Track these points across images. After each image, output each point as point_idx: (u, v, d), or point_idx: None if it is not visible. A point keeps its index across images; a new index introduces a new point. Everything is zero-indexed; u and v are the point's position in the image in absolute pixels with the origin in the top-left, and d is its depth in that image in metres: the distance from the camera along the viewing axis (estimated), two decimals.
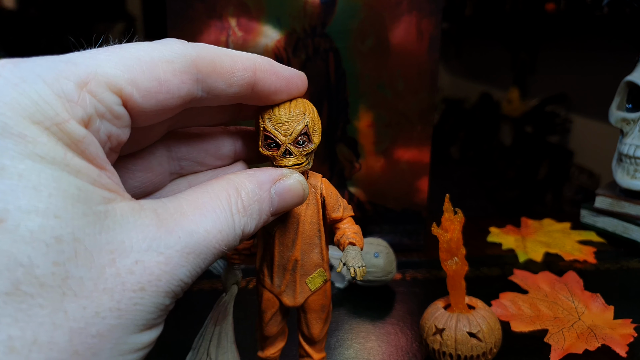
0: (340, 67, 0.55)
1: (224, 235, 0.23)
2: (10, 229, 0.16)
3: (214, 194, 0.23)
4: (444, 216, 0.40)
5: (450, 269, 0.40)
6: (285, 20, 0.53)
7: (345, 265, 0.34)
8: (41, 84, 0.18)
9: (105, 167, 0.20)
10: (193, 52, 0.23)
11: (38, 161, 0.17)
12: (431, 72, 0.56)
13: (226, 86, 0.25)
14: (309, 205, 0.35)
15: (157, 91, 0.22)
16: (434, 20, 0.54)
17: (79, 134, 0.19)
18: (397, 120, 0.57)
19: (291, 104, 0.31)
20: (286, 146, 0.31)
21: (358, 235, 0.36)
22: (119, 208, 0.19)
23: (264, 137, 0.32)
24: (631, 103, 0.62)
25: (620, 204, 0.62)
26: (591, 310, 0.48)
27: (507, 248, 0.62)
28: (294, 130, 0.31)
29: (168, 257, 0.20)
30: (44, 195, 0.17)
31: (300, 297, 0.37)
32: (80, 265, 0.17)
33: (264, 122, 0.32)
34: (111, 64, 0.20)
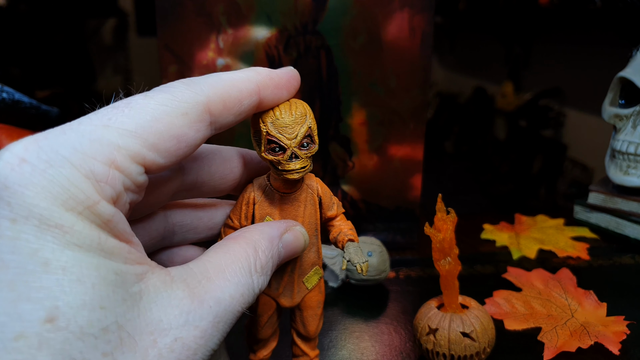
0: (332, 65, 0.55)
1: (245, 298, 0.23)
2: (62, 326, 0.17)
3: (234, 255, 0.24)
4: (437, 216, 0.40)
5: (443, 268, 0.40)
6: (276, 18, 0.53)
7: (349, 262, 0.34)
8: (69, 167, 0.18)
9: (132, 240, 0.20)
10: (204, 98, 0.23)
11: (77, 250, 0.18)
12: (424, 69, 0.56)
13: (235, 117, 0.25)
14: (307, 205, 0.35)
15: (177, 148, 0.22)
16: (426, 17, 0.54)
17: (109, 213, 0.19)
18: (390, 118, 0.57)
19: (291, 106, 0.31)
20: (292, 150, 0.31)
21: (353, 231, 0.36)
22: (152, 285, 0.20)
23: (267, 142, 0.31)
24: (624, 99, 0.62)
25: (613, 200, 0.62)
26: (584, 307, 0.48)
27: (500, 245, 0.62)
28: (299, 133, 0.31)
29: (203, 330, 0.20)
30: (88, 287, 0.17)
31: (298, 297, 0.37)
32: (126, 351, 0.18)
33: (266, 127, 0.31)
34: (131, 132, 0.20)
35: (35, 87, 2.53)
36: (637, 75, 0.59)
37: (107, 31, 3.34)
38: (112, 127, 0.20)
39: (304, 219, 0.35)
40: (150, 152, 0.21)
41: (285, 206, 0.34)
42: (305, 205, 0.34)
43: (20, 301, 0.16)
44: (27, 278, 0.16)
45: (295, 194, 0.34)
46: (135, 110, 0.21)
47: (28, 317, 0.16)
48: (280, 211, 0.34)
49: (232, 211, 0.36)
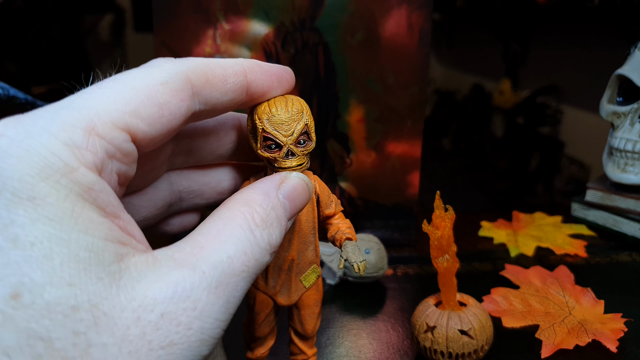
0: (329, 62, 0.54)
1: (249, 256, 0.21)
2: (26, 303, 0.16)
3: (227, 217, 0.23)
4: (435, 213, 0.40)
5: (441, 266, 0.40)
6: (273, 14, 0.52)
7: (346, 261, 0.34)
8: (47, 136, 0.18)
9: (119, 214, 0.20)
10: (184, 68, 0.23)
11: (48, 224, 0.17)
12: (422, 66, 0.55)
13: (221, 95, 0.24)
14: None
15: (160, 115, 0.21)
16: (424, 14, 0.54)
17: (90, 181, 0.18)
18: (388, 115, 0.57)
19: (287, 103, 0.30)
20: (288, 147, 0.30)
21: (351, 229, 0.36)
22: (133, 264, 0.19)
23: (262, 139, 0.31)
24: (622, 96, 0.62)
25: (610, 198, 0.62)
26: (582, 304, 0.48)
27: (498, 242, 0.62)
28: (295, 130, 0.30)
29: (195, 301, 0.19)
30: (56, 264, 0.17)
31: (295, 296, 0.37)
32: (102, 331, 0.17)
33: (262, 123, 0.30)
34: (110, 100, 0.20)
35: (32, 83, 2.52)
36: (635, 72, 0.59)
37: (104, 27, 3.33)
38: (91, 97, 0.20)
39: (301, 217, 0.35)
40: (132, 119, 0.20)
41: None
42: None
43: None
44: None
45: None
46: (114, 82, 0.21)
47: None
48: None
49: None
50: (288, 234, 0.34)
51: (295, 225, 0.34)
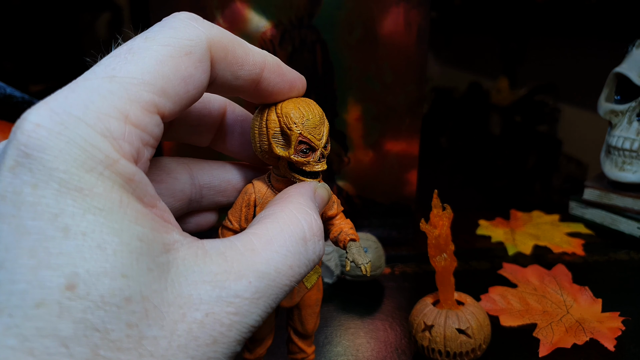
0: (327, 60, 0.54)
1: (295, 270, 0.22)
2: (82, 294, 0.16)
3: (283, 221, 0.22)
4: (433, 212, 0.40)
5: (439, 265, 0.40)
6: (271, 12, 0.52)
7: (352, 262, 0.34)
8: (84, 127, 0.17)
9: (156, 203, 0.19)
10: (209, 36, 0.22)
11: (98, 214, 0.17)
12: (420, 64, 0.55)
13: (232, 77, 0.24)
14: None
15: (185, 91, 0.21)
16: (422, 11, 0.53)
17: (131, 172, 0.18)
18: (386, 113, 0.57)
19: (311, 106, 0.30)
20: (321, 150, 0.30)
21: (354, 230, 0.36)
22: (181, 257, 0.19)
23: (298, 143, 0.30)
24: (620, 95, 0.62)
25: (608, 196, 0.62)
26: (580, 303, 0.48)
27: (496, 241, 0.62)
28: (324, 134, 0.30)
29: (238, 307, 0.19)
30: (109, 254, 0.17)
31: (297, 297, 0.36)
32: (153, 324, 0.17)
33: (299, 127, 0.29)
34: (139, 79, 0.19)
35: (29, 81, 2.51)
36: (632, 71, 0.59)
37: (101, 25, 3.32)
38: (118, 77, 0.19)
39: None
40: (161, 99, 0.20)
41: None
42: None
43: (41, 268, 0.16)
44: (48, 244, 0.16)
45: None
46: (138, 55, 0.20)
47: (48, 284, 0.16)
48: None
49: (231, 212, 0.35)
50: None
51: None
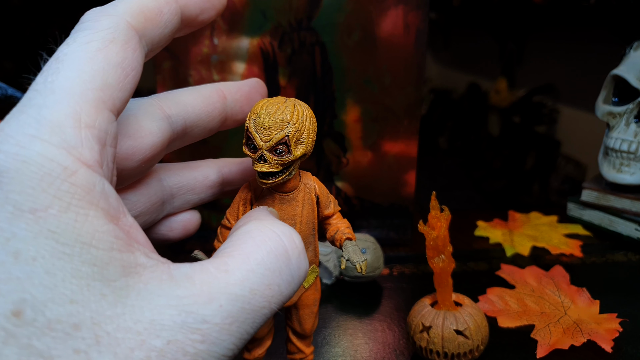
0: (326, 61, 0.54)
1: (275, 290, 0.20)
2: (28, 320, 0.16)
3: (260, 239, 0.21)
4: (431, 213, 0.40)
5: (437, 266, 0.40)
6: (270, 14, 0.52)
7: (348, 261, 0.34)
8: (39, 143, 0.17)
9: (120, 217, 0.19)
10: (122, 15, 0.22)
11: (50, 237, 0.16)
12: (418, 66, 0.55)
13: (161, 29, 0.24)
14: (305, 205, 0.34)
15: (125, 76, 0.21)
16: (420, 14, 0.54)
17: (90, 183, 0.18)
18: (384, 115, 0.57)
19: (279, 109, 0.31)
20: (262, 152, 0.31)
21: (350, 229, 0.36)
22: (144, 281, 0.18)
23: (246, 137, 0.32)
24: (617, 97, 0.62)
25: (606, 197, 0.62)
26: (577, 304, 0.48)
27: (494, 242, 0.62)
28: (273, 138, 0.31)
29: (206, 334, 0.18)
30: (58, 280, 0.16)
31: (295, 296, 0.37)
32: (104, 351, 0.16)
33: (249, 122, 0.31)
34: (78, 81, 0.19)
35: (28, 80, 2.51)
36: (630, 73, 0.60)
37: None
38: (58, 87, 0.18)
39: (302, 218, 0.35)
40: (105, 92, 0.19)
41: (284, 206, 0.34)
42: (303, 204, 0.34)
43: None
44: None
45: (293, 193, 0.34)
46: (67, 61, 0.19)
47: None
48: (279, 211, 0.34)
49: (229, 211, 0.35)
50: None
51: (296, 227, 0.34)
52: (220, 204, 0.58)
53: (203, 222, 0.59)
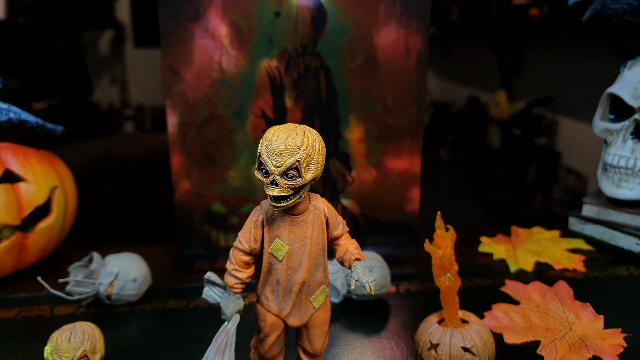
0: (331, 84, 0.56)
1: None
2: None
3: None
4: (436, 233, 0.41)
5: (444, 285, 0.41)
6: (277, 40, 0.54)
7: (357, 281, 0.35)
8: None
9: None
10: None
11: None
12: (419, 87, 0.57)
13: None
14: (314, 226, 0.36)
15: None
16: (421, 37, 0.55)
17: None
18: (387, 134, 0.58)
19: (290, 136, 0.32)
20: (274, 176, 0.32)
21: (359, 250, 0.37)
22: None
23: (258, 163, 0.33)
24: (614, 114, 0.64)
25: (606, 212, 0.63)
26: (582, 320, 0.49)
27: (498, 258, 0.63)
28: (284, 164, 0.32)
29: None
30: None
31: (306, 316, 0.38)
32: None
33: (261, 149, 0.33)
34: None
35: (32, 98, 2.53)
36: (625, 91, 0.61)
37: (104, 43, 3.36)
38: None
39: (312, 239, 0.36)
40: None
41: (294, 228, 0.35)
42: (313, 226, 0.36)
43: None
44: None
45: (304, 215, 0.35)
46: None
47: None
48: (289, 233, 0.35)
49: (241, 233, 0.37)
50: (299, 257, 0.36)
51: (306, 248, 0.36)
52: (229, 223, 0.60)
53: (211, 241, 0.60)
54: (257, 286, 0.38)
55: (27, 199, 0.58)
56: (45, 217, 0.61)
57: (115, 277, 0.53)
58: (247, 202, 0.59)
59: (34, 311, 0.54)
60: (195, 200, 0.59)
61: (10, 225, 0.57)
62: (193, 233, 0.60)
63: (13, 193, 0.57)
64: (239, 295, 0.37)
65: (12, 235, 0.57)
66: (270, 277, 0.37)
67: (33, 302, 0.55)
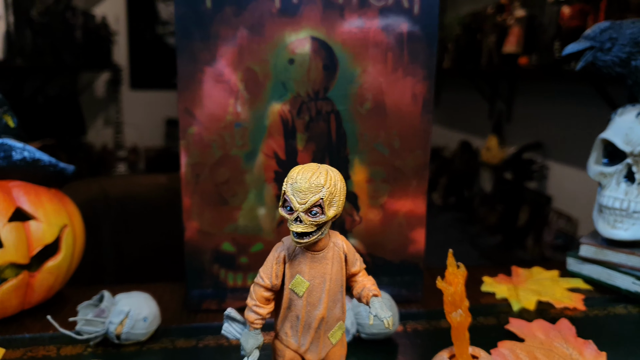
0: (340, 128, 0.59)
1: None
2: None
3: None
4: (448, 270, 0.43)
5: (455, 320, 0.43)
6: (290, 85, 0.57)
7: (376, 317, 0.37)
8: None
9: None
10: None
11: None
12: (425, 131, 0.60)
13: None
14: (334, 263, 0.37)
15: None
16: (426, 85, 0.59)
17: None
18: (394, 176, 0.61)
19: (314, 174, 0.34)
20: (298, 213, 0.34)
21: (376, 286, 0.39)
22: None
23: (282, 200, 0.35)
24: (607, 158, 0.67)
25: (603, 252, 0.66)
26: (585, 357, 0.51)
27: (500, 297, 0.64)
28: (309, 201, 0.34)
29: None
30: None
31: (323, 352, 0.39)
32: None
33: (286, 187, 0.35)
34: None
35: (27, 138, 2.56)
36: (617, 137, 0.64)
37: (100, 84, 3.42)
38: None
39: (332, 275, 0.37)
40: None
41: (315, 264, 0.37)
42: (332, 262, 0.37)
43: None
44: None
45: (324, 251, 0.37)
46: None
47: None
48: (310, 269, 0.37)
49: (263, 269, 0.38)
50: (319, 293, 0.37)
51: (326, 285, 0.37)
52: (237, 263, 0.61)
53: (219, 281, 0.61)
54: (275, 323, 0.39)
55: (36, 237, 0.59)
56: (54, 256, 0.61)
57: (126, 315, 0.53)
58: (256, 241, 0.61)
59: (40, 351, 0.54)
60: (205, 239, 0.60)
61: (18, 264, 0.57)
62: (202, 272, 0.61)
63: (23, 231, 0.58)
64: (259, 331, 0.39)
65: (19, 274, 0.57)
66: (290, 313, 0.38)
67: (39, 342, 0.55)
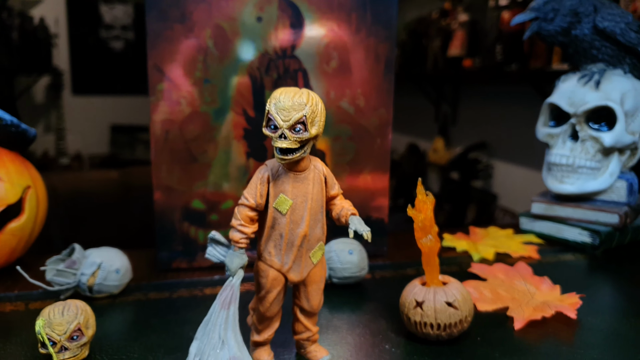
0: (308, 86, 0.61)
1: None
2: None
3: None
4: (418, 198, 0.45)
5: (426, 246, 0.45)
6: (258, 43, 0.59)
7: (355, 231, 0.38)
8: None
9: None
10: None
11: None
12: (387, 90, 0.63)
13: None
14: (315, 184, 0.39)
15: None
16: (388, 45, 0.62)
17: None
18: (360, 134, 0.63)
19: (296, 94, 0.36)
20: (283, 130, 0.36)
21: (353, 207, 0.41)
22: None
23: (267, 119, 0.37)
24: (554, 120, 0.72)
25: (552, 208, 0.71)
26: (541, 290, 0.54)
27: (461, 250, 0.68)
28: (292, 118, 0.36)
29: None
30: None
31: (305, 272, 0.40)
32: None
33: (269, 106, 0.36)
34: None
35: None
36: (561, 100, 0.70)
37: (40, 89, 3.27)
38: None
39: (313, 195, 0.39)
40: None
41: (297, 184, 0.39)
42: (313, 183, 0.39)
43: None
44: None
45: (305, 173, 0.39)
46: None
47: None
48: (293, 189, 0.38)
49: (247, 191, 0.39)
50: (301, 211, 0.39)
51: (308, 204, 0.39)
52: (208, 220, 0.61)
53: (190, 239, 0.61)
54: (258, 244, 0.40)
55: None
56: (17, 217, 0.59)
57: (98, 267, 0.52)
58: (226, 199, 0.61)
59: (7, 307, 0.52)
60: (175, 197, 0.60)
61: None
62: (172, 231, 0.61)
63: None
64: (243, 251, 0.39)
65: None
66: (274, 232, 0.39)
67: (4, 300, 0.53)
